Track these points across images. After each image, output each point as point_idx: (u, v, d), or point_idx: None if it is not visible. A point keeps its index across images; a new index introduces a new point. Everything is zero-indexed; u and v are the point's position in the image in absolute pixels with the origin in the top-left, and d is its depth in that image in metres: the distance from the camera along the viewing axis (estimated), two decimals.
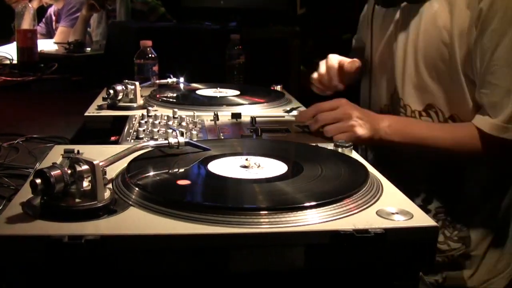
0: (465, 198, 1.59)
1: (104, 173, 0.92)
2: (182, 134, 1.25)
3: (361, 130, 1.40)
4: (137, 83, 1.66)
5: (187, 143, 1.12)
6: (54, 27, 4.30)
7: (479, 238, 1.60)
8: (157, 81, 1.93)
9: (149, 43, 2.08)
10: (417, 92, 1.55)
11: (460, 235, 1.60)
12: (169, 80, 1.91)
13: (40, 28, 4.34)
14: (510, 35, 1.38)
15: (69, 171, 0.84)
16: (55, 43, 3.68)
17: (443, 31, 1.48)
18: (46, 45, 3.51)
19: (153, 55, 2.08)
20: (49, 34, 4.33)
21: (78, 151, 1.15)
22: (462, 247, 1.60)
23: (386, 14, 1.66)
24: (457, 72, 1.47)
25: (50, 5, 4.33)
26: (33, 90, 2.66)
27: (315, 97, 1.90)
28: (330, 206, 0.84)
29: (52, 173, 0.81)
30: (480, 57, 1.41)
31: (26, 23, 3.01)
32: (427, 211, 1.50)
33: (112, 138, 1.46)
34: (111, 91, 1.63)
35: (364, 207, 0.87)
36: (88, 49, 3.25)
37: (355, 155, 1.20)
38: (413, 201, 0.91)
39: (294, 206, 0.83)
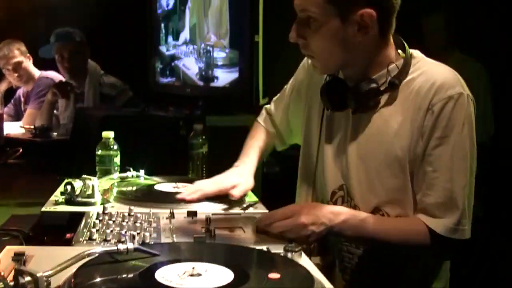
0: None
1: (48, 284, 0.93)
2: (133, 237, 1.26)
3: (315, 236, 1.46)
4: (95, 178, 1.68)
5: (136, 249, 1.13)
6: (22, 108, 4.32)
7: None
8: (117, 175, 1.95)
9: (110, 134, 2.10)
10: (367, 196, 1.60)
11: None
12: (129, 174, 1.93)
13: (8, 109, 4.36)
14: (451, 142, 1.49)
15: (11, 283, 0.85)
16: (22, 127, 3.70)
17: (393, 137, 1.55)
18: (12, 128, 3.53)
19: (114, 147, 2.10)
20: (17, 116, 4.34)
21: (25, 259, 1.14)
22: None
23: (336, 116, 1.70)
24: (405, 177, 1.54)
25: (19, 87, 4.37)
26: None
27: (277, 186, 1.94)
28: None
29: None
30: (424, 161, 1.51)
31: None
32: None
33: (68, 236, 1.47)
34: (69, 187, 1.64)
35: None
36: (55, 134, 3.27)
37: (304, 259, 1.22)
38: None
39: None
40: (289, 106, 1.91)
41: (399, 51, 1.63)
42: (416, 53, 1.63)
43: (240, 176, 1.78)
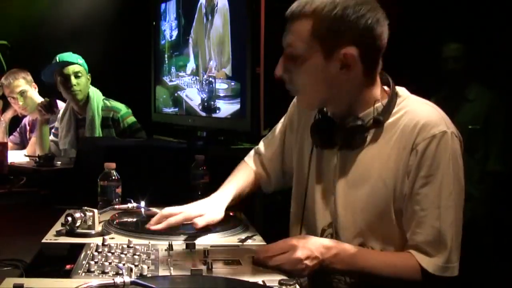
0: None
1: None
2: (131, 270, 1.28)
3: (309, 269, 1.48)
4: (95, 210, 1.71)
5: (132, 282, 1.15)
6: (28, 137, 4.37)
7: None
8: (117, 206, 1.97)
9: (112, 165, 2.13)
10: (353, 233, 1.63)
11: None
12: (129, 205, 1.96)
13: (14, 137, 4.41)
14: (438, 180, 1.52)
15: None
16: (26, 155, 3.73)
17: (379, 176, 1.59)
18: (17, 157, 3.56)
19: (116, 177, 2.12)
20: (23, 144, 4.39)
21: None
22: None
23: (325, 153, 1.73)
24: (390, 216, 1.58)
25: (25, 115, 4.42)
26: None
27: (276, 219, 1.96)
28: None
29: None
30: (411, 199, 1.55)
31: None
32: None
33: (67, 267, 1.49)
34: (69, 218, 1.67)
35: None
36: (59, 163, 3.30)
37: None
38: None
39: None
40: (282, 144, 1.95)
41: (385, 87, 1.67)
42: (402, 91, 1.67)
43: (209, 207, 1.80)
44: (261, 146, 2.05)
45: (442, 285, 1.55)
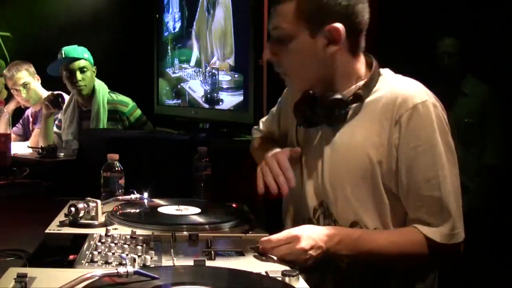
0: None
1: None
2: (134, 260, 1.29)
3: (313, 259, 1.48)
4: (98, 201, 1.71)
5: (135, 272, 1.15)
6: (30, 128, 4.38)
7: None
8: (120, 197, 1.97)
9: (116, 156, 2.13)
10: (344, 210, 1.64)
11: None
12: (132, 196, 1.96)
13: (17, 129, 4.42)
14: (428, 150, 1.54)
15: None
16: (29, 147, 3.74)
17: (363, 150, 1.60)
18: (20, 148, 3.57)
19: (119, 169, 2.13)
20: (26, 135, 4.40)
21: (27, 281, 1.16)
22: None
23: (309, 132, 1.75)
24: (379, 188, 1.59)
25: (28, 107, 4.43)
26: (2, 195, 2.69)
27: (279, 210, 1.96)
28: None
29: None
30: (405, 173, 1.56)
31: (0, 128, 3.07)
32: None
33: (71, 257, 1.50)
34: (73, 209, 1.67)
35: None
36: (61, 154, 3.31)
37: (302, 283, 1.25)
38: None
39: None
40: (277, 126, 1.98)
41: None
42: (385, 71, 1.69)
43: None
44: (260, 125, 2.10)
45: (449, 254, 1.57)
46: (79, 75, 3.87)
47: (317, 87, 1.68)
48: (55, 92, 3.89)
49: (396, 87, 1.62)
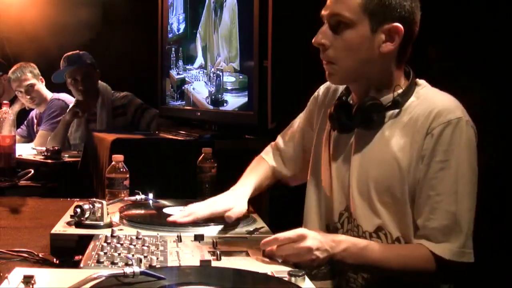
0: None
1: None
2: (140, 261, 1.29)
3: (319, 261, 1.47)
4: (104, 202, 1.71)
5: (142, 272, 1.15)
6: (35, 130, 4.39)
7: None
8: (126, 198, 1.98)
9: (120, 158, 2.14)
10: (369, 215, 1.63)
11: None
12: (137, 197, 1.96)
13: (21, 130, 4.43)
14: (453, 165, 1.53)
15: None
16: (34, 148, 3.75)
17: (393, 159, 1.59)
18: (24, 150, 3.57)
19: (124, 170, 2.13)
20: (30, 137, 4.41)
21: (33, 282, 1.16)
22: None
23: (341, 137, 1.74)
24: (404, 198, 1.58)
25: (32, 108, 4.44)
26: (7, 196, 2.69)
27: (283, 214, 1.96)
28: None
29: None
30: (425, 185, 1.55)
31: (5, 130, 3.07)
32: None
33: (76, 258, 1.50)
34: (78, 210, 1.67)
35: None
36: (66, 155, 3.32)
37: (308, 283, 1.24)
38: None
39: None
40: (301, 141, 1.95)
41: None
42: (421, 81, 1.69)
43: (234, 199, 1.80)
44: (280, 142, 2.03)
45: (458, 273, 1.56)
46: (83, 79, 3.97)
47: (356, 84, 1.69)
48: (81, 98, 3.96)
49: (432, 99, 1.61)
